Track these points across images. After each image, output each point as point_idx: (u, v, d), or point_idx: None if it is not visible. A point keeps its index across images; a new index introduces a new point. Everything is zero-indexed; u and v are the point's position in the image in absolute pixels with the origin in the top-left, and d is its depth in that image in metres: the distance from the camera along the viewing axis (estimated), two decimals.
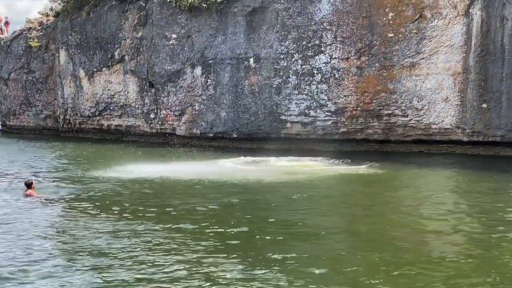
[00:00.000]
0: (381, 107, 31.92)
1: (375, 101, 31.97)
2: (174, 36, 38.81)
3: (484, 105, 29.35)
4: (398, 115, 31.61)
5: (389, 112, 31.79)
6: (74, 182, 20.85)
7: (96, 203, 16.22)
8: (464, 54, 29.79)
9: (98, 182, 20.63)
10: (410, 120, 31.43)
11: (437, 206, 16.47)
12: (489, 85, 29.14)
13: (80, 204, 16.21)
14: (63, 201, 17.05)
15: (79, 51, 46.01)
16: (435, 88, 30.61)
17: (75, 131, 48.21)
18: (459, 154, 30.51)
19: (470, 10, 29.37)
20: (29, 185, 17.91)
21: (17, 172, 23.79)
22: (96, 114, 45.56)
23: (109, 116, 44.67)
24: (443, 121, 30.63)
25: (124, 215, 14.44)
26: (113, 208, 15.32)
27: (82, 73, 45.86)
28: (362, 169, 25.26)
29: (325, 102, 33.13)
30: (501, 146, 29.64)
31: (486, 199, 17.98)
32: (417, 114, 31.16)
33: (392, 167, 26.06)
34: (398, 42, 31.16)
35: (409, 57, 30.95)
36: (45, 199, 17.08)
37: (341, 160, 27.92)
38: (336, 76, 32.72)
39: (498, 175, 23.60)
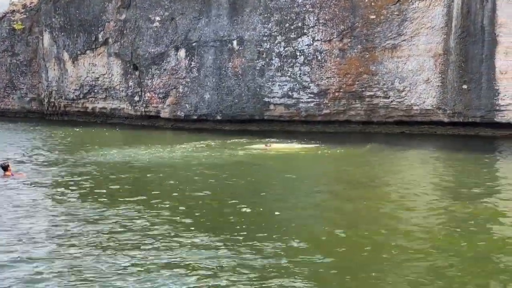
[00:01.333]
0: (363, 89, 32.17)
1: (357, 82, 32.22)
2: (157, 18, 38.79)
3: (465, 86, 29.65)
4: (380, 96, 31.88)
5: (371, 93, 32.06)
6: (54, 165, 20.93)
7: (76, 185, 16.33)
8: (445, 36, 30.06)
9: (78, 165, 20.73)
10: (392, 101, 31.72)
11: (415, 184, 16.74)
12: (469, 66, 29.43)
13: (57, 186, 16.31)
14: (42, 182, 17.14)
15: (63, 33, 45.85)
16: (416, 70, 30.89)
17: (60, 114, 48.15)
18: (440, 135, 30.87)
19: None
20: (5, 168, 17.80)
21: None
22: (81, 97, 45.51)
23: (93, 99, 44.65)
24: (424, 102, 30.94)
25: (108, 197, 14.58)
26: (94, 191, 15.44)
27: (66, 56, 45.74)
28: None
29: (308, 84, 33.33)
30: (481, 126, 30.01)
31: (464, 177, 18.29)
32: (399, 96, 31.44)
33: (375, 147, 26.30)
34: (380, 24, 31.36)
35: (391, 39, 31.18)
36: (23, 181, 17.11)
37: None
38: (319, 58, 32.91)
39: (478, 154, 23.90)
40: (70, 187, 16.26)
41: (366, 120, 32.98)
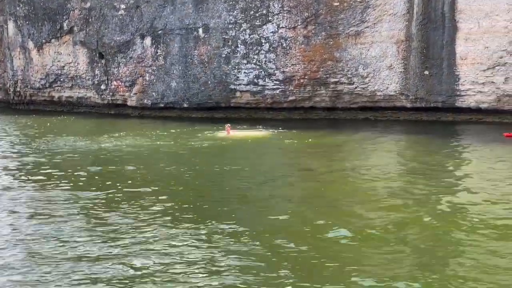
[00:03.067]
0: (328, 75, 32.53)
1: (322, 69, 32.56)
2: (123, 6, 38.70)
3: (426, 72, 30.18)
4: (345, 83, 32.28)
5: (336, 80, 32.43)
6: (16, 154, 20.97)
7: (36, 174, 16.40)
8: (407, 22, 30.51)
9: (40, 154, 20.75)
10: (356, 87, 32.13)
11: (378, 168, 17.05)
12: (430, 52, 29.95)
13: (20, 175, 16.37)
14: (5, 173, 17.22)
15: (27, 22, 45.45)
16: (379, 56, 31.32)
17: (26, 103, 47.82)
18: (403, 120, 31.36)
19: None
20: None
21: None
22: (47, 86, 45.21)
23: (59, 87, 44.40)
24: (387, 88, 31.41)
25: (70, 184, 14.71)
26: (56, 180, 15.51)
27: (31, 44, 45.37)
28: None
29: (273, 71, 33.60)
30: (442, 111, 30.62)
31: (425, 161, 18.70)
32: (363, 82, 31.87)
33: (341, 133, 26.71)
34: (343, 11, 31.70)
35: (354, 25, 31.55)
36: None
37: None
38: (284, 45, 33.18)
39: (439, 139, 24.43)
40: (29, 176, 16.32)
41: (331, 106, 33.38)
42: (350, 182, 15.38)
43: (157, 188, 14.24)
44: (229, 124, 26.98)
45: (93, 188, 14.32)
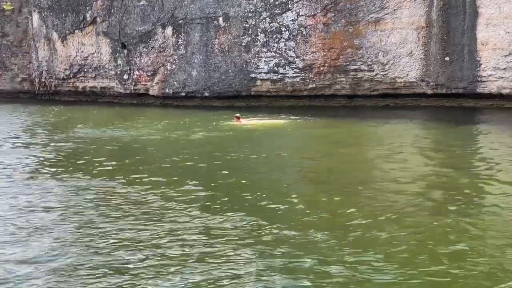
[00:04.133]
0: (347, 63, 32.46)
1: (341, 57, 32.49)
2: None
3: (447, 58, 29.96)
4: (365, 70, 32.18)
5: (356, 67, 32.35)
6: (37, 144, 21.31)
7: (62, 162, 16.66)
8: (427, 8, 30.29)
9: (66, 142, 21.07)
10: (376, 74, 32.02)
11: (401, 155, 16.99)
12: (451, 38, 29.72)
13: (40, 166, 16.65)
14: (15, 161, 17.28)
15: (51, 13, 45.97)
16: (399, 43, 31.15)
17: (51, 94, 48.44)
18: (424, 107, 31.18)
19: None
20: None
21: None
22: (71, 76, 45.76)
23: (83, 78, 44.92)
24: (407, 74, 31.25)
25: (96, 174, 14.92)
26: (82, 166, 15.73)
27: (55, 35, 45.90)
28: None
29: (293, 59, 33.61)
30: (464, 97, 30.41)
31: (448, 148, 18.51)
32: (383, 69, 31.74)
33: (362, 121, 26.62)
34: None
35: (374, 12, 31.40)
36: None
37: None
38: (304, 33, 33.15)
39: (461, 125, 24.28)
40: (56, 164, 16.58)
41: (351, 94, 33.32)
42: (373, 170, 15.34)
43: (178, 177, 14.21)
44: (237, 114, 26.85)
45: (108, 177, 14.51)
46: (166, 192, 12.47)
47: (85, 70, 44.32)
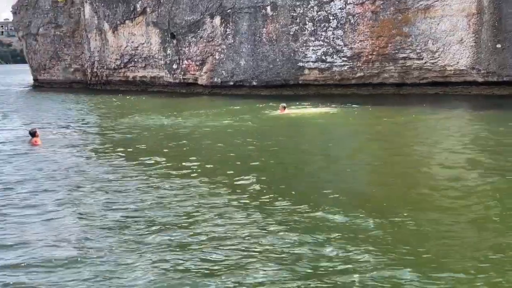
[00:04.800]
0: (396, 51, 32.18)
1: (390, 45, 32.23)
2: None
3: (498, 45, 29.41)
4: (414, 58, 31.85)
5: (405, 55, 32.04)
6: (89, 132, 21.78)
7: (114, 150, 16.97)
8: None
9: (118, 131, 21.47)
10: (425, 62, 31.66)
11: (453, 142, 16.74)
12: (503, 25, 29.15)
13: (84, 151, 16.99)
14: (68, 148, 17.59)
15: (102, 4, 46.80)
16: (449, 30, 30.70)
17: (102, 84, 49.42)
18: (474, 95, 30.67)
19: None
20: (33, 134, 18.49)
21: (47, 123, 24.74)
22: (122, 66, 46.60)
23: (133, 68, 45.68)
24: (458, 62, 30.80)
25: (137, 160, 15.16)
26: (136, 155, 16.02)
27: (106, 26, 46.74)
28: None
29: (341, 47, 33.49)
30: None
31: (501, 137, 18.07)
32: (432, 57, 31.36)
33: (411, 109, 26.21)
34: None
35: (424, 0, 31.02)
36: (49, 147, 17.65)
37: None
38: (352, 21, 32.98)
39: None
40: (110, 152, 16.91)
41: (400, 82, 33.02)
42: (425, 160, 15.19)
43: (230, 166, 14.22)
44: (284, 104, 26.71)
45: (160, 165, 14.72)
46: (216, 181, 12.49)
47: (135, 60, 45.05)
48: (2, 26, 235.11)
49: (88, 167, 14.48)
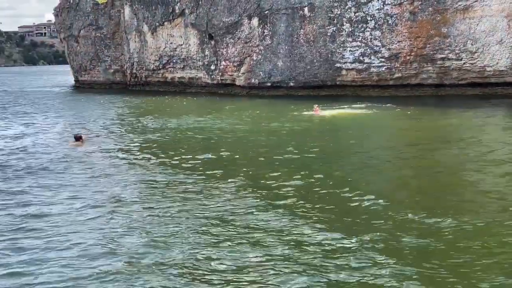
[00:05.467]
0: (435, 51, 31.96)
1: (428, 45, 32.02)
2: None
3: None
4: (452, 58, 31.60)
5: (443, 56, 31.81)
6: (128, 133, 22.09)
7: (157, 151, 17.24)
8: None
9: (156, 131, 21.78)
10: (464, 63, 31.38)
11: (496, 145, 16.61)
12: None
13: (137, 151, 17.23)
14: (110, 153, 17.75)
15: (142, 6, 47.43)
16: (489, 31, 30.39)
17: (141, 85, 50.05)
18: None
19: None
20: (78, 138, 18.96)
21: (88, 124, 25.20)
22: (160, 67, 47.16)
23: (172, 69, 46.20)
24: (497, 63, 30.47)
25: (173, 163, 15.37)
26: (179, 156, 16.24)
27: (145, 28, 47.34)
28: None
29: (379, 48, 33.39)
30: None
31: None
32: (472, 57, 31.07)
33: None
34: None
35: (463, 0, 30.73)
36: (92, 151, 17.88)
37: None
38: (389, 22, 32.85)
39: None
40: (149, 154, 17.13)
41: (438, 83, 32.77)
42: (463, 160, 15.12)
43: (272, 169, 14.29)
44: (317, 105, 26.74)
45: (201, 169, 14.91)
46: (260, 183, 12.58)
47: (174, 61, 45.55)
48: (45, 28, 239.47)
49: (129, 170, 14.64)
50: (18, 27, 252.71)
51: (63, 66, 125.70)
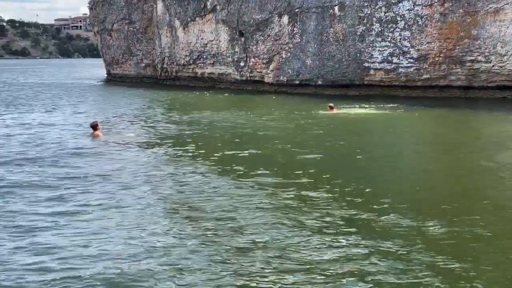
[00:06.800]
0: (464, 53, 31.82)
1: (458, 47, 31.89)
2: None
3: None
4: (482, 61, 31.43)
5: (473, 58, 31.65)
6: (153, 127, 22.42)
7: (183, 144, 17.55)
8: None
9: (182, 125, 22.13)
10: (493, 66, 31.19)
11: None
12: None
13: (161, 144, 17.56)
14: (128, 142, 17.86)
15: (174, 2, 47.93)
16: None
17: (172, 79, 50.60)
18: None
19: None
20: (94, 127, 18.97)
21: (114, 117, 25.65)
22: (191, 63, 47.62)
23: (202, 64, 46.62)
24: None
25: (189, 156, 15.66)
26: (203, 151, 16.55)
27: (177, 23, 47.84)
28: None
29: (408, 49, 33.34)
30: None
31: None
32: (501, 60, 30.88)
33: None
34: None
35: (494, 2, 30.54)
36: (111, 140, 18.03)
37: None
38: (419, 23, 32.78)
39: None
40: (169, 148, 17.45)
41: (467, 85, 32.61)
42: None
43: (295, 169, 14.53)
44: (331, 104, 26.68)
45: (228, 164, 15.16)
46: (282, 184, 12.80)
47: (204, 56, 45.97)
48: (80, 21, 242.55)
49: (148, 163, 14.74)
50: (54, 20, 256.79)
51: (97, 59, 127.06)
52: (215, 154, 15.77)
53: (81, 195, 11.34)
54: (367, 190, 11.43)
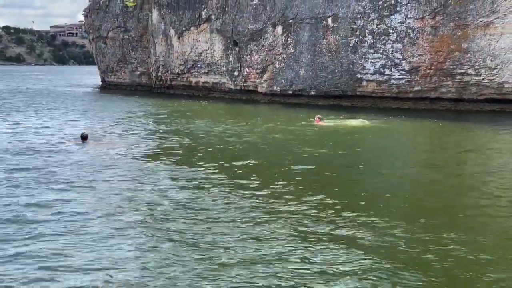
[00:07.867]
0: (454, 66, 32.26)
1: (449, 60, 32.33)
2: None
3: None
4: (472, 74, 31.87)
5: (463, 71, 32.09)
6: (143, 136, 22.75)
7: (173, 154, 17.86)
8: None
9: (178, 135, 22.43)
10: (483, 79, 31.64)
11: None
12: None
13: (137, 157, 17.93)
14: (117, 152, 18.14)
15: (170, 11, 48.34)
16: (509, 47, 30.62)
17: (166, 88, 50.92)
18: None
19: None
20: (84, 138, 19.72)
21: (105, 125, 25.97)
22: (185, 72, 47.98)
23: (196, 73, 47.00)
24: None
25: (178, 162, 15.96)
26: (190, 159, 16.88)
27: (172, 32, 48.22)
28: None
29: (400, 61, 33.78)
30: None
31: None
32: (490, 73, 31.32)
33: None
34: (473, 1, 31.25)
35: (484, 16, 31.02)
36: (100, 150, 18.34)
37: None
38: (411, 35, 33.24)
39: None
40: (153, 158, 17.76)
41: (457, 98, 33.04)
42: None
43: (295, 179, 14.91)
44: (319, 116, 26.81)
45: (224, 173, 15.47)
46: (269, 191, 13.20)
47: (199, 65, 46.35)
48: (76, 28, 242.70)
49: (135, 173, 14.97)
50: (50, 27, 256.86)
51: (92, 66, 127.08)
52: (200, 164, 15.98)
53: (66, 203, 11.64)
54: (354, 202, 11.75)
